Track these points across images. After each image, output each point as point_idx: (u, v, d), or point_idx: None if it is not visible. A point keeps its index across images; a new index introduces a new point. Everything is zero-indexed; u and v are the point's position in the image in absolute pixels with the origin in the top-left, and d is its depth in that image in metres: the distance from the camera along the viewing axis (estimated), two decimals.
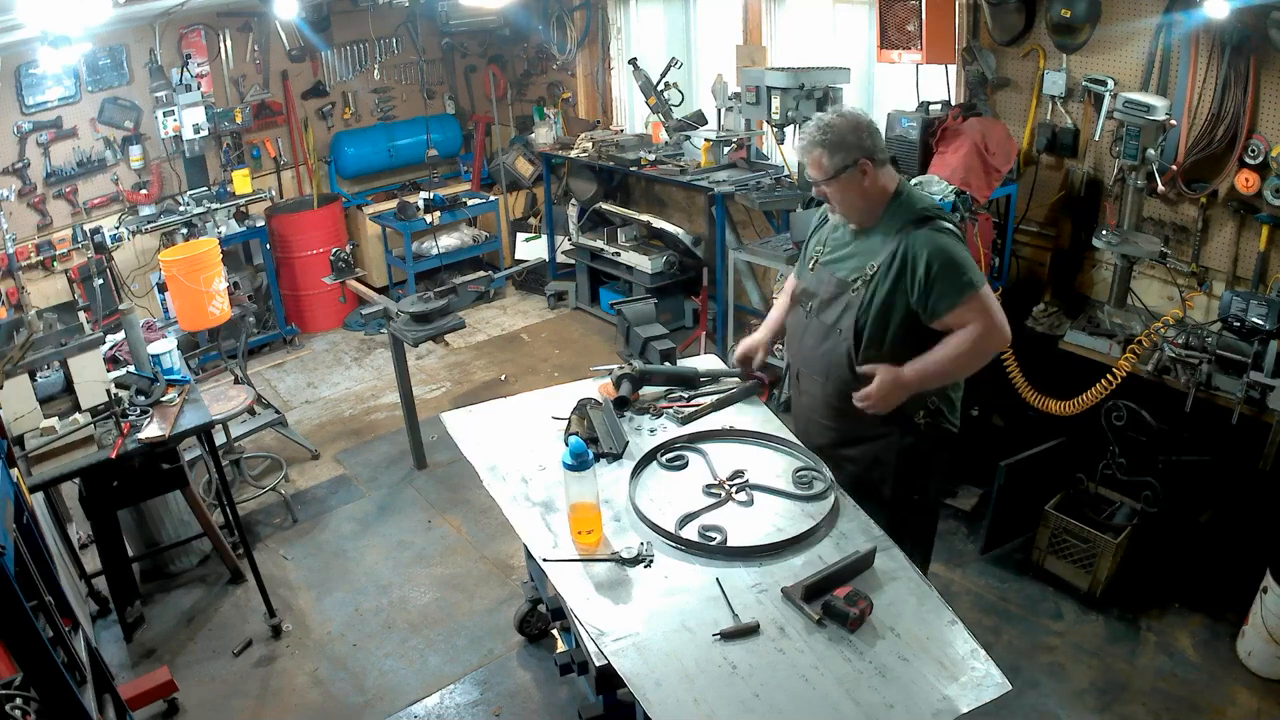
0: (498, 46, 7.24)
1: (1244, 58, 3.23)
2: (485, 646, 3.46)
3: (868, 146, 2.40)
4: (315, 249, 6.20)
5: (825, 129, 2.40)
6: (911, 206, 2.44)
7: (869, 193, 2.44)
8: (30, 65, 5.21)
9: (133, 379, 3.44)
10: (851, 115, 2.43)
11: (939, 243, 2.36)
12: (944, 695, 1.81)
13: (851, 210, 2.49)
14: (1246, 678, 3.11)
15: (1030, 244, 4.18)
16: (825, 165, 2.41)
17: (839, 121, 2.40)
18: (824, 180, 2.44)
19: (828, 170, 2.41)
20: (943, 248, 2.35)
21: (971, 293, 2.35)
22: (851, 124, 2.40)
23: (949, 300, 2.35)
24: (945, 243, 2.37)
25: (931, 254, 2.34)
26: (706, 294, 5.63)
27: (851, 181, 2.41)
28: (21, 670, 1.92)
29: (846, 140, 2.38)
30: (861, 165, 2.39)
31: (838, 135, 2.38)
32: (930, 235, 2.37)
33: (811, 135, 2.43)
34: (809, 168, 2.48)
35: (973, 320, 2.36)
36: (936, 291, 2.35)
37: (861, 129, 2.40)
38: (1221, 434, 3.23)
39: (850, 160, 2.38)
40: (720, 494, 2.40)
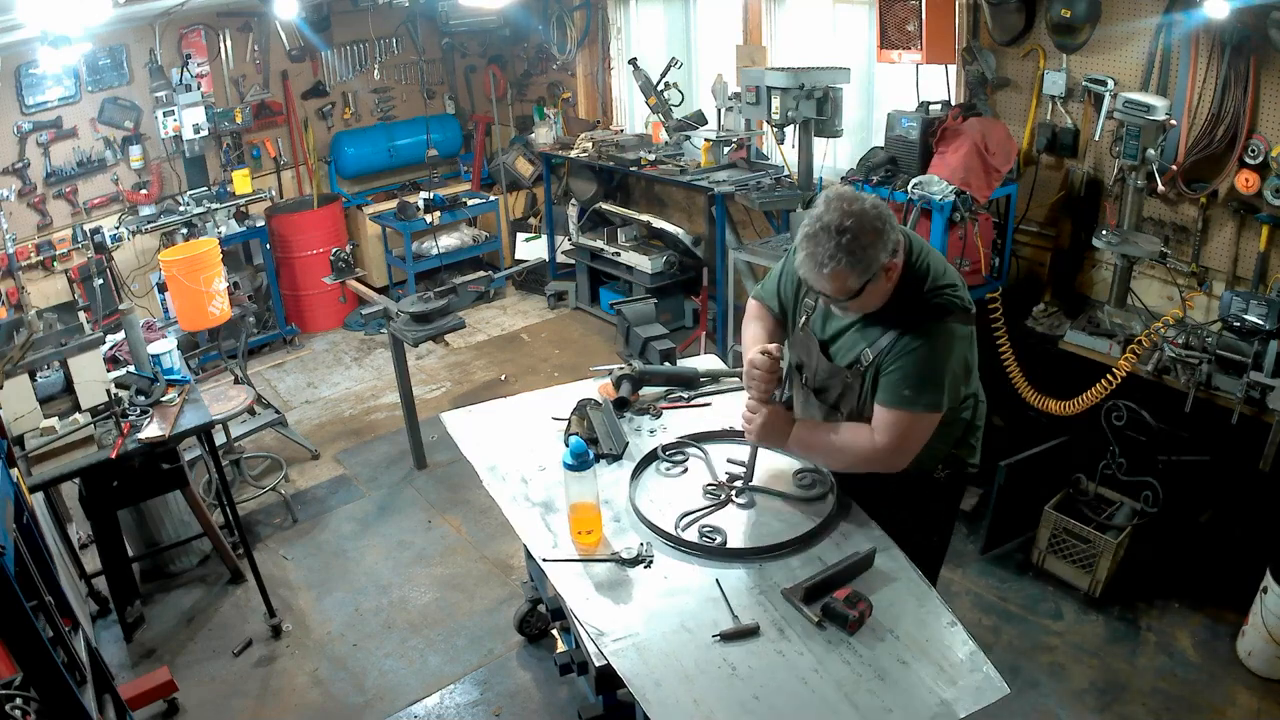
0: (498, 46, 7.24)
1: (1244, 58, 3.22)
2: (485, 646, 3.46)
3: (892, 242, 2.02)
4: (315, 249, 6.20)
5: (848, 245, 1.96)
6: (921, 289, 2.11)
7: (890, 286, 2.10)
8: (30, 65, 5.20)
9: (133, 379, 3.44)
10: (864, 210, 2.00)
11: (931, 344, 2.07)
12: (943, 699, 1.81)
13: (874, 308, 2.14)
14: (1246, 678, 3.11)
15: (1030, 244, 4.17)
16: (851, 286, 2.02)
17: (855, 226, 1.97)
18: (847, 299, 2.06)
19: (853, 289, 2.03)
20: (929, 350, 2.07)
21: (905, 408, 2.09)
22: (871, 224, 1.98)
23: (890, 388, 2.10)
24: (934, 348, 2.07)
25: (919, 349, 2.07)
26: (706, 294, 5.62)
27: (877, 288, 2.06)
28: (21, 670, 1.92)
29: (872, 248, 1.98)
30: (889, 266, 2.03)
31: (862, 248, 1.97)
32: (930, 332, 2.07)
33: (829, 255, 1.98)
34: (822, 287, 2.06)
35: (881, 431, 2.13)
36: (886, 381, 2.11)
37: (882, 222, 2.00)
38: (1221, 434, 3.23)
39: (878, 270, 2.02)
40: (720, 495, 2.40)
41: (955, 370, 2.14)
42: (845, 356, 2.23)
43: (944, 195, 3.64)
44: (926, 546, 2.46)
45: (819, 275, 2.03)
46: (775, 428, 2.27)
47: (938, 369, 2.09)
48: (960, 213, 3.67)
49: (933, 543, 2.55)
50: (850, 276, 2.01)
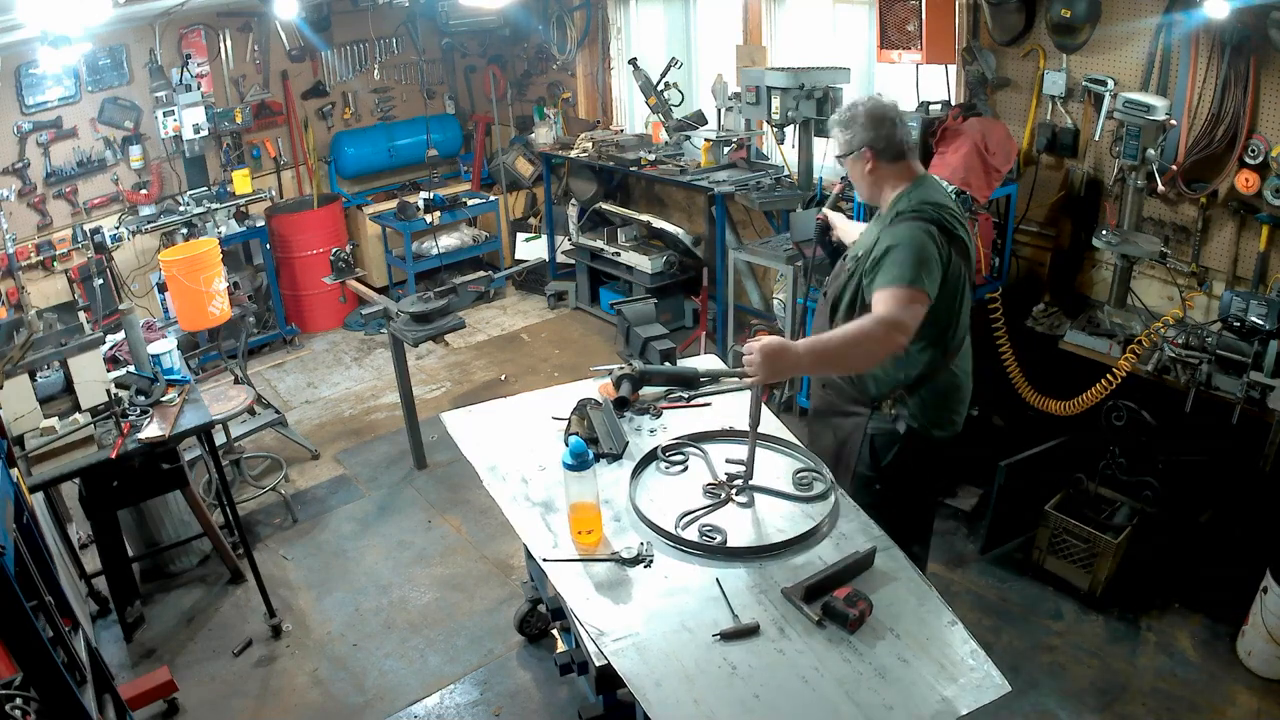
0: (498, 46, 7.24)
1: (1244, 58, 3.22)
2: (485, 646, 3.46)
3: (871, 137, 2.45)
4: (315, 249, 6.20)
5: (847, 108, 2.51)
6: (910, 199, 2.45)
7: (872, 181, 2.52)
8: (30, 65, 5.21)
9: (133, 379, 3.44)
10: (875, 104, 2.49)
11: (906, 231, 2.36)
12: (943, 697, 1.81)
13: (860, 190, 2.61)
14: (1246, 678, 3.11)
15: (1030, 244, 4.18)
16: (839, 138, 2.53)
17: (860, 106, 2.48)
18: (837, 157, 2.57)
19: (840, 150, 2.54)
20: (906, 236, 2.35)
21: (895, 284, 2.30)
22: (868, 111, 2.46)
23: (878, 279, 2.35)
24: (912, 232, 2.35)
25: (893, 240, 2.36)
26: (706, 294, 5.62)
27: (856, 164, 2.51)
28: (21, 670, 1.92)
29: (856, 124, 2.47)
30: (864, 153, 2.47)
31: (850, 117, 2.48)
32: (906, 225, 2.38)
33: (837, 113, 2.56)
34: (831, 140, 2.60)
35: (879, 309, 2.30)
36: (876, 270, 2.37)
37: (875, 118, 2.45)
38: (1221, 434, 3.23)
39: (855, 145, 2.48)
40: (720, 494, 2.40)
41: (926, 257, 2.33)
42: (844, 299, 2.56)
43: None
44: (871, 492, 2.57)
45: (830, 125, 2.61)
46: (776, 353, 2.25)
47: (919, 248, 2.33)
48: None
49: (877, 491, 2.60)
50: (839, 133, 2.53)
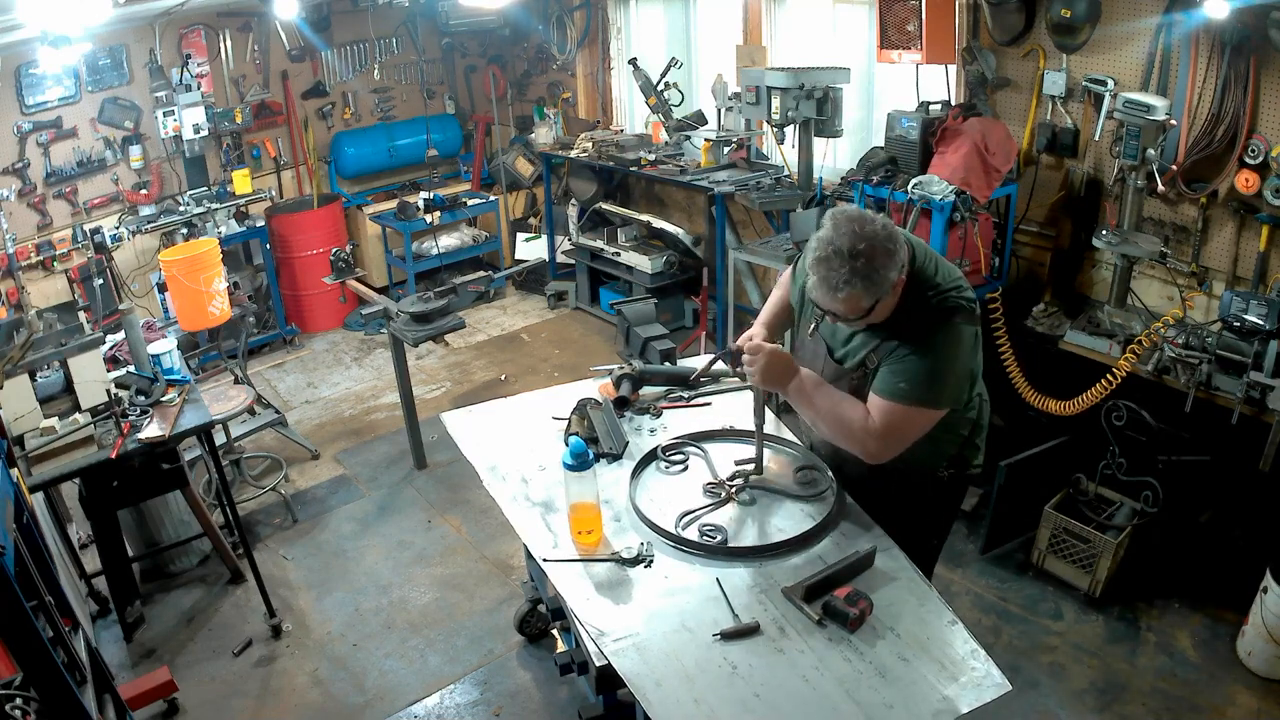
0: (498, 46, 7.24)
1: (1244, 58, 3.22)
2: (485, 646, 3.46)
3: (901, 260, 2.05)
4: (315, 249, 6.20)
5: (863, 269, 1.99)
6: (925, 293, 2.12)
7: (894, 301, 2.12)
8: (30, 65, 5.20)
9: (133, 379, 3.44)
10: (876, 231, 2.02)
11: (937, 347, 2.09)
12: (944, 695, 1.81)
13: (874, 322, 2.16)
14: (1246, 678, 3.11)
15: (1030, 244, 4.18)
16: (864, 305, 2.06)
17: (868, 249, 2.00)
18: (860, 317, 2.09)
19: (866, 309, 2.06)
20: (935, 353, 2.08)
21: (901, 401, 2.08)
22: (882, 245, 2.01)
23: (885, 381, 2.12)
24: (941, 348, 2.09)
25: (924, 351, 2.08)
26: (706, 294, 5.63)
27: (886, 304, 2.10)
28: (21, 670, 1.92)
29: (884, 269, 2.02)
30: (896, 284, 2.07)
31: (875, 269, 2.00)
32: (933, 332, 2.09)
33: (843, 278, 2.00)
34: (834, 307, 2.09)
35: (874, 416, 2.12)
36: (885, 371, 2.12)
37: (893, 247, 2.03)
38: (1221, 434, 3.23)
39: (888, 289, 2.05)
40: (721, 494, 2.40)
41: (959, 371, 2.16)
42: (852, 360, 2.26)
43: (944, 195, 3.64)
44: (925, 548, 2.46)
45: (832, 299, 2.06)
46: (778, 370, 2.20)
47: (940, 369, 2.11)
48: (960, 213, 3.68)
49: (931, 545, 2.55)
50: (864, 298, 2.05)
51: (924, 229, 3.77)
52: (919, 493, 2.37)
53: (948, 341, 2.11)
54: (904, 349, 2.10)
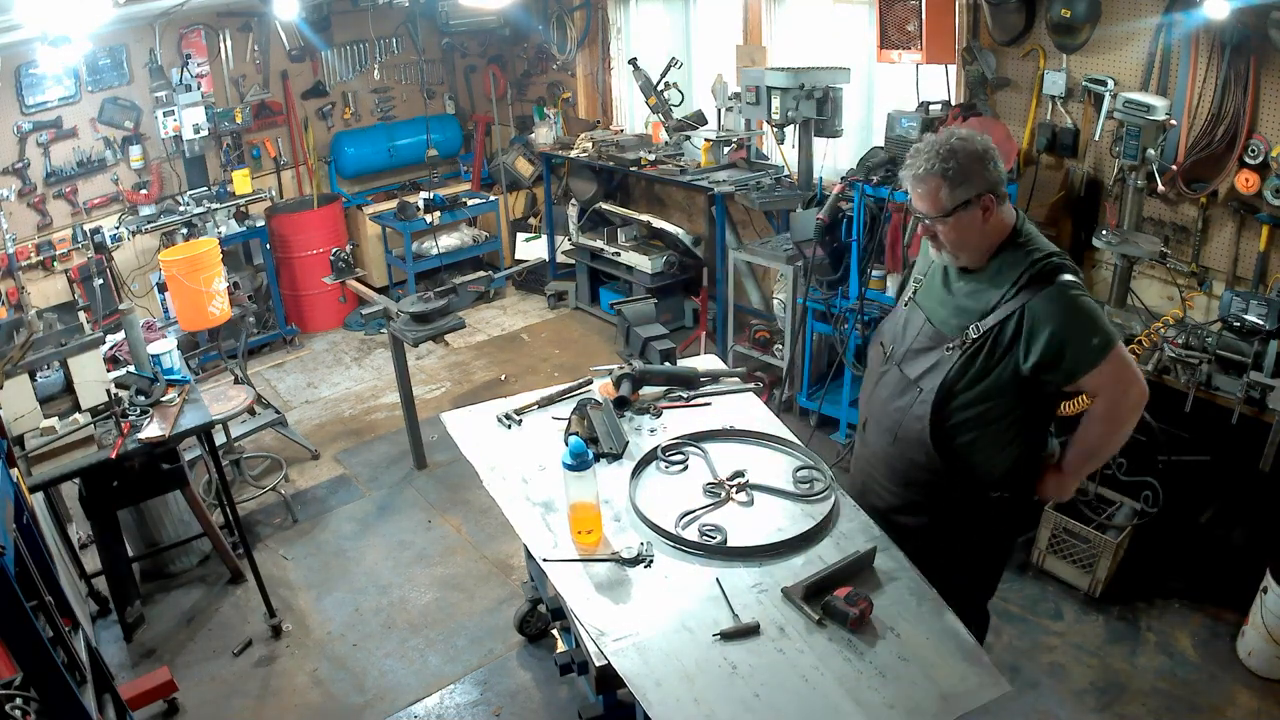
0: (498, 46, 7.25)
1: (1244, 58, 3.23)
2: (485, 646, 3.46)
3: (993, 179, 2.06)
4: (315, 249, 6.19)
5: (947, 156, 2.03)
6: (1030, 254, 2.09)
7: (987, 232, 2.10)
8: (30, 65, 5.20)
9: (133, 379, 3.44)
10: (974, 140, 2.07)
11: (1067, 303, 2.03)
12: (944, 696, 1.81)
13: (963, 251, 2.13)
14: (1246, 678, 3.11)
15: None
16: (943, 200, 2.05)
17: (961, 146, 2.04)
18: (938, 216, 2.08)
19: (945, 206, 2.06)
20: (1071, 308, 2.03)
21: (1109, 352, 2.03)
22: (976, 151, 2.05)
23: (1085, 363, 2.04)
24: (1073, 302, 2.03)
25: (1060, 318, 2.02)
26: (706, 294, 5.63)
27: (971, 220, 2.07)
28: (21, 670, 1.92)
29: (971, 171, 2.03)
30: (984, 201, 2.05)
31: (961, 166, 2.03)
32: (1057, 296, 2.03)
33: (928, 163, 2.05)
34: (918, 201, 2.10)
35: (1108, 385, 2.07)
36: (1070, 356, 2.04)
37: (988, 158, 2.06)
38: (1221, 434, 3.23)
39: (973, 195, 2.04)
40: (720, 494, 2.40)
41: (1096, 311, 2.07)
42: (950, 325, 2.18)
43: None
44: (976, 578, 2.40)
45: (915, 182, 2.09)
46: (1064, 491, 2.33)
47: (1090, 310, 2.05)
48: None
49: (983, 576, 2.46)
50: (944, 189, 2.04)
51: None
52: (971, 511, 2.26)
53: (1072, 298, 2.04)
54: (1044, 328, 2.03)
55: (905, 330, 2.28)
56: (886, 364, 2.31)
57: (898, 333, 2.31)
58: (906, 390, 2.22)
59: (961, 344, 2.12)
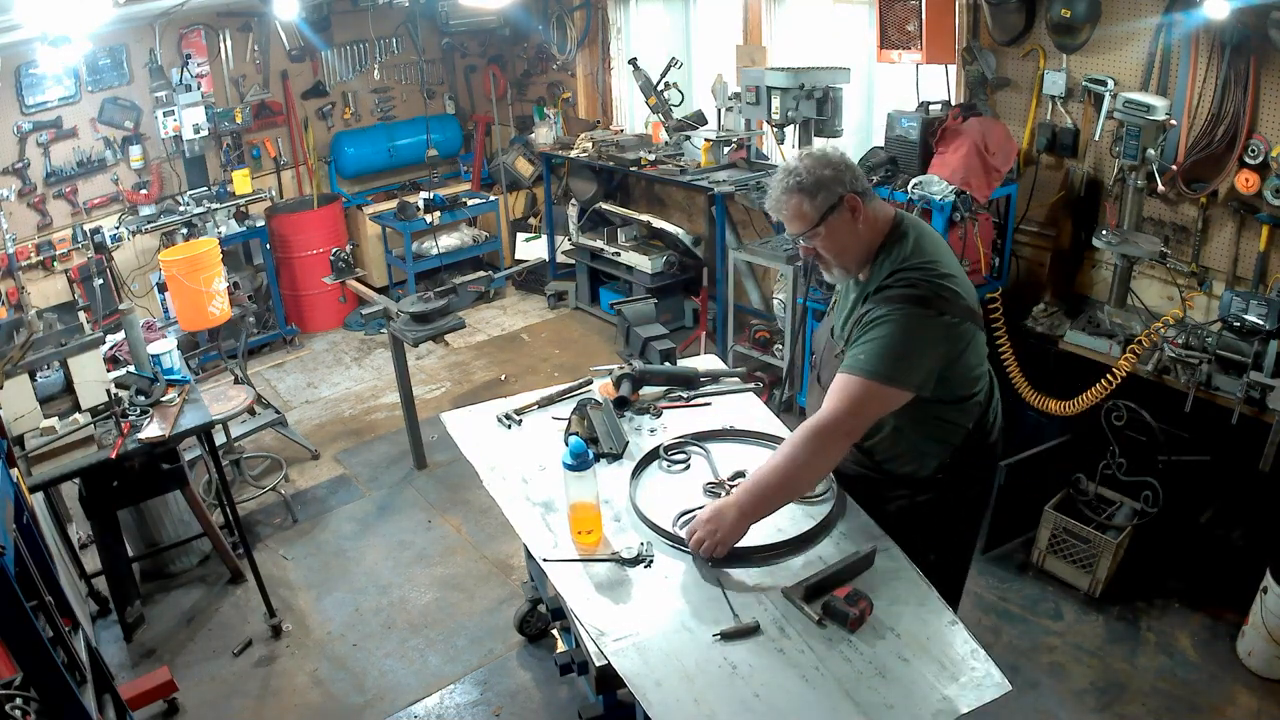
0: (498, 46, 7.25)
1: (1244, 58, 3.22)
2: (485, 646, 3.46)
3: (849, 179, 2.10)
4: (315, 249, 6.20)
5: (795, 172, 2.10)
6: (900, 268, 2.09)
7: (863, 233, 2.13)
8: (30, 65, 5.20)
9: (133, 379, 3.44)
10: (820, 152, 2.15)
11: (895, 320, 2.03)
12: (944, 695, 1.81)
13: (848, 259, 2.17)
14: (1246, 678, 3.11)
15: (1030, 244, 4.18)
16: (808, 212, 2.10)
17: (806, 161, 2.12)
18: (809, 230, 2.11)
19: (812, 217, 2.10)
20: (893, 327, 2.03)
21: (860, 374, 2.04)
22: (825, 159, 2.11)
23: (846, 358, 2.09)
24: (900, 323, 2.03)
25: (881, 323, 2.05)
26: (706, 294, 5.63)
27: (842, 224, 2.11)
28: (21, 670, 1.92)
29: (823, 178, 2.09)
30: (849, 202, 2.09)
31: (812, 176, 2.09)
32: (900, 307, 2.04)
33: (780, 184, 2.12)
34: (789, 225, 2.16)
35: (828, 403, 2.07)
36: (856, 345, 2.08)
37: (838, 163, 2.11)
38: (1221, 434, 3.23)
39: (834, 200, 2.09)
40: (720, 494, 2.40)
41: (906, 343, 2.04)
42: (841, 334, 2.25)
43: (944, 195, 3.64)
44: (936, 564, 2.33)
45: (778, 207, 2.15)
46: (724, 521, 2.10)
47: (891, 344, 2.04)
48: (960, 213, 3.68)
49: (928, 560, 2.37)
50: (805, 202, 2.10)
51: None
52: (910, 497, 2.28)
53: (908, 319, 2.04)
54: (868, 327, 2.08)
55: (819, 346, 2.42)
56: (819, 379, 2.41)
57: (818, 348, 2.44)
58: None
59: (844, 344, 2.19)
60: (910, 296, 2.06)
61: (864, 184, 2.13)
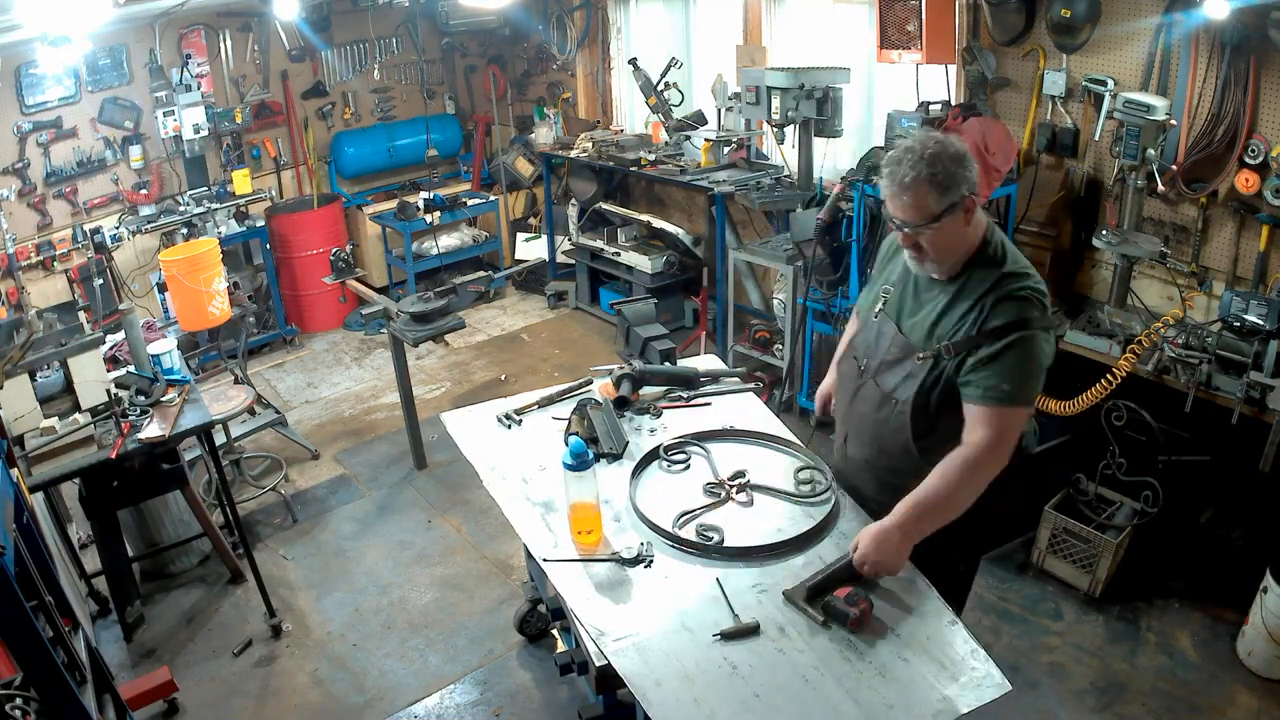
0: (498, 46, 7.25)
1: (1244, 58, 3.23)
2: (485, 646, 3.46)
3: (972, 180, 2.03)
4: (315, 249, 6.20)
5: (932, 161, 1.98)
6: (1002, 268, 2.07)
7: (967, 235, 2.07)
8: (30, 65, 5.20)
9: (133, 379, 3.44)
10: (950, 143, 2.04)
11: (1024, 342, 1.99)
12: (944, 695, 1.81)
13: (947, 257, 2.10)
14: (1246, 678, 3.11)
15: (1030, 244, 4.17)
16: (931, 206, 2.00)
17: (942, 150, 2.00)
18: (927, 224, 2.02)
19: (933, 211, 2.00)
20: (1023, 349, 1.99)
21: (1004, 404, 2.01)
22: (958, 153, 2.01)
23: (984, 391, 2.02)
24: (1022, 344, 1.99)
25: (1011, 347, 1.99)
26: (706, 294, 5.63)
27: (955, 224, 2.03)
28: (21, 670, 1.92)
29: (955, 174, 1.99)
30: (967, 203, 2.02)
31: (946, 169, 1.98)
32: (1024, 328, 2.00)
33: (913, 169, 1.99)
34: (902, 210, 2.04)
35: (980, 428, 2.02)
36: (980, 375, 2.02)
37: (966, 159, 2.02)
38: (1221, 434, 3.23)
39: (958, 198, 2.00)
40: (720, 494, 2.40)
41: (1038, 366, 2.05)
42: (919, 334, 2.16)
43: None
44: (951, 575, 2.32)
45: (900, 190, 2.02)
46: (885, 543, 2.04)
47: (1029, 366, 2.02)
48: None
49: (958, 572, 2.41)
50: (931, 194, 1.99)
51: None
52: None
53: (1032, 338, 2.01)
54: (987, 349, 2.01)
55: (878, 342, 2.26)
56: (861, 377, 2.30)
57: (870, 345, 2.29)
58: (884, 404, 2.22)
59: (935, 356, 2.10)
60: (1033, 315, 2.01)
61: (977, 184, 2.05)
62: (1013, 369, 2.00)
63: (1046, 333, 2.05)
